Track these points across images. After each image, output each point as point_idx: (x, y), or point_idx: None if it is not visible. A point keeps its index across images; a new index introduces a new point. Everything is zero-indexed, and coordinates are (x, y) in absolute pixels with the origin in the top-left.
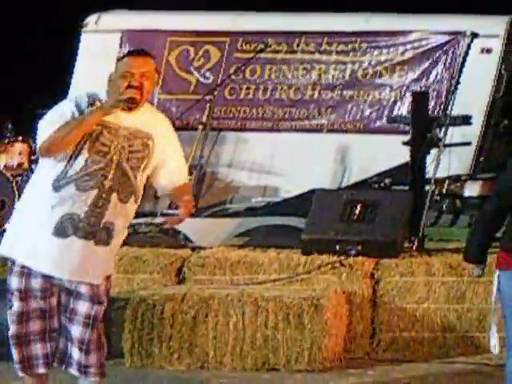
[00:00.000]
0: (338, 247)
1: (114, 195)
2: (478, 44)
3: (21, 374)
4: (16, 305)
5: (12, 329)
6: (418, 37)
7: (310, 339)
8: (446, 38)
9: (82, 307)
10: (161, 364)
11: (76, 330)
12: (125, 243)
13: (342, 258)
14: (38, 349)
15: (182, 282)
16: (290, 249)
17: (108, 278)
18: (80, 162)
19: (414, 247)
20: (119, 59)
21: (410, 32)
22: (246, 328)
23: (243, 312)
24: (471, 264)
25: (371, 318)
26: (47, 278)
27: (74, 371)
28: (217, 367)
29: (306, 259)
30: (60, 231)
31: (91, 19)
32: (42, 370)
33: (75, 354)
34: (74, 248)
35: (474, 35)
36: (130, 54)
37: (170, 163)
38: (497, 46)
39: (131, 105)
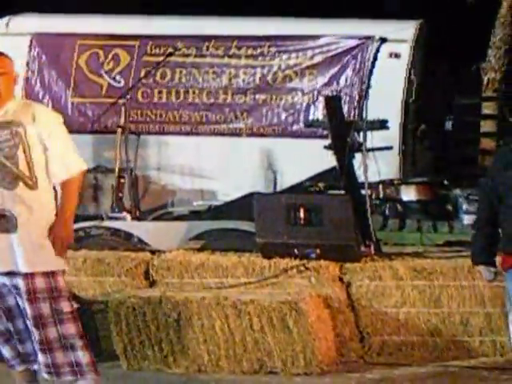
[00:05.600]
0: (296, 251)
1: None
2: (386, 49)
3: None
4: None
5: None
6: (327, 41)
7: (301, 343)
8: (355, 42)
9: (26, 306)
10: (158, 367)
11: (34, 332)
12: (82, 246)
13: (305, 261)
14: (9, 349)
15: (153, 285)
16: (247, 252)
17: (48, 275)
18: None
19: (373, 251)
20: None
21: (318, 36)
22: (234, 331)
23: (226, 315)
24: (480, 266)
25: (354, 321)
26: None
27: (44, 374)
28: (214, 370)
29: (270, 263)
30: None
31: (1, 22)
32: (18, 369)
33: (40, 355)
34: None
35: (383, 40)
36: None
37: (50, 150)
38: (405, 50)
39: None
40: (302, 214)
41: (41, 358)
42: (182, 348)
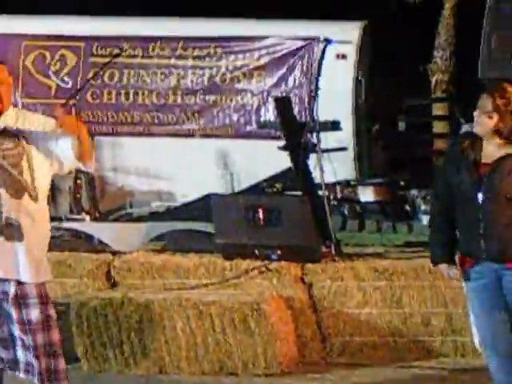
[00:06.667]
0: (257, 252)
1: (3, 190)
2: (332, 50)
3: None
4: None
5: None
6: (273, 42)
7: (262, 344)
8: (300, 43)
9: (15, 312)
10: (119, 368)
11: (24, 338)
12: None
13: (266, 262)
14: None
15: (115, 287)
16: (207, 253)
17: (41, 284)
18: None
19: (333, 252)
20: None
21: (264, 37)
22: (195, 332)
23: (187, 316)
24: (441, 265)
25: (316, 322)
26: None
27: (35, 380)
28: (175, 372)
29: (231, 264)
30: None
31: None
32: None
33: (33, 362)
34: None
35: (328, 41)
36: None
37: (54, 145)
38: (351, 51)
39: None
40: (260, 215)
41: (35, 364)
42: (144, 349)
